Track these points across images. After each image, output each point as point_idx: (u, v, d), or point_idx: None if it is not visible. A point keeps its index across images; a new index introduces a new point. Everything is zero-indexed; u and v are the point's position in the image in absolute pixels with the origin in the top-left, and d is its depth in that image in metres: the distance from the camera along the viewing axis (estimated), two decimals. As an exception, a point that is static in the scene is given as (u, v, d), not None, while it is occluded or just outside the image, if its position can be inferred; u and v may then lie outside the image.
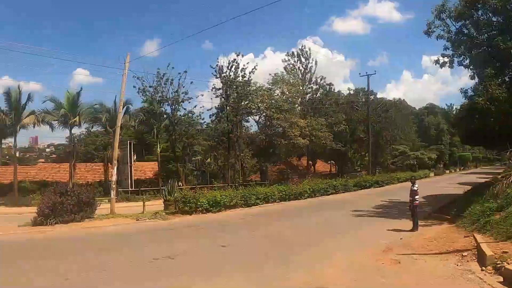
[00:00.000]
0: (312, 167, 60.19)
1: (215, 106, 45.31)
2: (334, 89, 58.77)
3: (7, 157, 73.51)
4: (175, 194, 25.91)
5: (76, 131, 68.61)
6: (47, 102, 43.05)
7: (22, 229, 19.80)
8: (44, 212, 20.46)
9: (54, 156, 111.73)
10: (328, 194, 36.42)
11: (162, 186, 33.46)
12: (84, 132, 77.19)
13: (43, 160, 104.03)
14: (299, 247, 14.03)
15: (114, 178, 27.39)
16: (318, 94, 54.58)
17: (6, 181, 45.02)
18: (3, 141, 47.81)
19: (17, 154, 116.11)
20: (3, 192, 40.48)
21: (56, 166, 57.95)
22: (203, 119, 46.64)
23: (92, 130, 66.33)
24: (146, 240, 16.38)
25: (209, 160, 49.92)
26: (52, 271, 10.98)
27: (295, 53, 53.48)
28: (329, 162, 70.13)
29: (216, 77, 44.35)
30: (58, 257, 13.24)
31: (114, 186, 27.08)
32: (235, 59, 43.85)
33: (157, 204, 28.26)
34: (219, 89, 44.33)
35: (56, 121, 42.96)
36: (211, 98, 45.23)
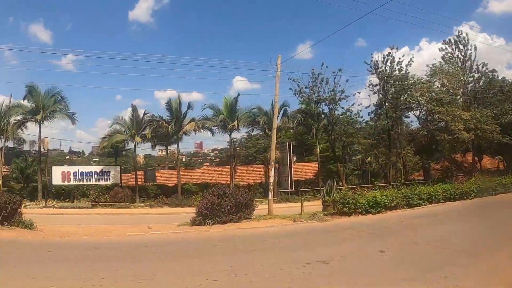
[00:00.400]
0: (478, 163, 56.12)
1: (373, 103, 44.12)
2: (497, 76, 53.59)
3: (174, 161, 77.74)
4: (334, 194, 25.11)
5: (237, 135, 70.92)
6: (206, 109, 45.15)
7: (181, 228, 20.41)
8: (202, 212, 20.92)
9: (217, 159, 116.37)
10: (497, 194, 33.07)
11: (321, 187, 32.86)
12: (245, 136, 79.14)
13: (207, 164, 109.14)
14: (465, 255, 12.39)
15: (271, 179, 27.38)
16: (481, 83, 49.83)
17: (171, 183, 47.46)
18: (169, 147, 50.19)
19: (184, 159, 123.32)
20: (168, 193, 42.74)
21: (218, 169, 60.27)
22: (361, 117, 45.65)
23: (252, 133, 67.64)
24: (301, 242, 15.75)
25: (369, 159, 48.50)
26: (202, 271, 10.80)
27: (452, 41, 49.87)
28: (496, 157, 64.99)
29: (372, 73, 43.15)
30: (209, 257, 13.20)
31: (271, 187, 27.07)
32: (389, 53, 42.30)
33: (316, 205, 27.65)
34: (376, 85, 42.99)
35: (216, 127, 44.75)
36: (369, 95, 43.92)
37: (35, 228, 20.25)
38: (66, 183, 43.96)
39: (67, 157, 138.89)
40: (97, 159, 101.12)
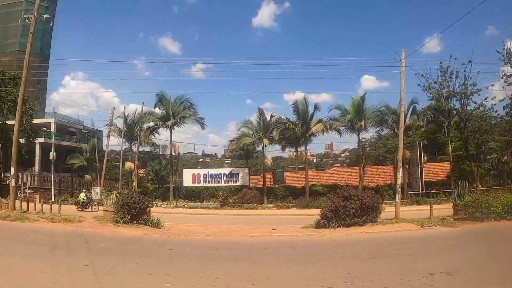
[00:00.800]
0: None
1: (509, 96, 40.96)
2: None
3: (304, 163, 77.81)
4: (466, 197, 23.61)
5: (367, 135, 69.80)
6: (333, 110, 45.02)
7: (304, 231, 20.28)
8: (327, 215, 20.68)
9: (347, 160, 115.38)
10: None
11: (454, 188, 31.20)
12: (374, 136, 77.69)
13: (338, 165, 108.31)
14: None
15: (398, 181, 26.37)
16: None
17: (300, 185, 47.45)
18: (298, 149, 50.24)
19: (314, 160, 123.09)
20: (296, 195, 42.95)
21: (348, 170, 59.81)
22: (496, 111, 42.65)
23: (382, 133, 66.13)
24: (426, 250, 14.78)
25: (505, 158, 45.36)
26: (318, 277, 10.45)
27: None
28: None
29: (505, 63, 39.91)
30: (328, 261, 12.88)
31: (398, 189, 26.07)
32: (522, 37, 38.97)
33: (447, 208, 25.89)
34: (510, 75, 39.89)
35: (344, 127, 44.25)
36: (503, 87, 40.44)
37: (162, 227, 21.32)
38: (196, 184, 45.99)
39: (200, 159, 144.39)
40: (229, 161, 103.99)
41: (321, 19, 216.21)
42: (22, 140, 49.30)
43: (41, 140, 60.08)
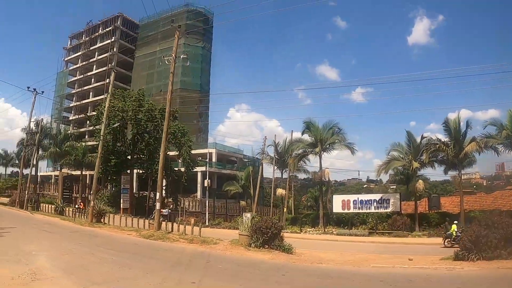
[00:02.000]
0: None
1: None
2: None
3: (474, 187, 73.96)
4: None
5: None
6: (488, 126, 41.81)
7: (441, 262, 18.94)
8: (465, 245, 19.04)
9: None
10: None
11: None
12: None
13: (510, 187, 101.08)
14: None
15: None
16: None
17: (458, 210, 44.48)
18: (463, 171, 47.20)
19: (484, 183, 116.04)
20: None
21: (515, 193, 55.20)
22: None
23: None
24: None
25: None
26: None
27: None
28: None
29: None
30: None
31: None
32: None
33: None
34: None
35: (501, 145, 40.75)
36: None
37: (293, 252, 21.52)
38: (346, 210, 45.61)
39: (365, 185, 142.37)
40: (394, 186, 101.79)
41: (479, 27, 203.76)
42: (182, 169, 53.72)
43: (202, 168, 63.82)
